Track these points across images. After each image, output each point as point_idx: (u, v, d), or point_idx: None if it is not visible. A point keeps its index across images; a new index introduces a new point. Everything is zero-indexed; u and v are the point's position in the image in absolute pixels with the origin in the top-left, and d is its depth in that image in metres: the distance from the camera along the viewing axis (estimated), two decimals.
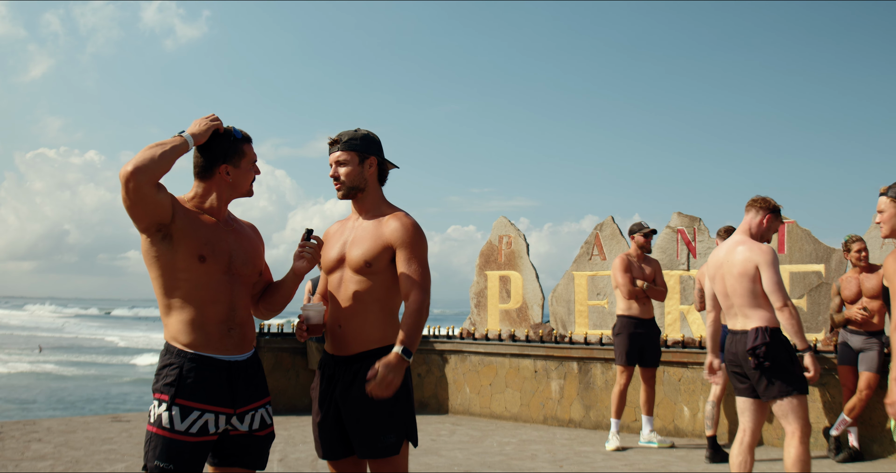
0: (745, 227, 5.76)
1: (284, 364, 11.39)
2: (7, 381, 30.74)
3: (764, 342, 5.38)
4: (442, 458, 7.96)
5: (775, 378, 5.39)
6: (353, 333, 3.81)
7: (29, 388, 28.95)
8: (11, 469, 7.01)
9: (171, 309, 3.49)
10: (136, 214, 3.35)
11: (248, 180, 3.67)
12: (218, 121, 3.60)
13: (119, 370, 36.19)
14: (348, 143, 3.92)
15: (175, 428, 3.36)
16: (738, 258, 5.56)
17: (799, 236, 9.55)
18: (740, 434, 5.66)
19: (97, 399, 26.61)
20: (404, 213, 3.93)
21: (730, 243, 5.72)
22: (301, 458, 7.82)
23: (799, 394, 5.39)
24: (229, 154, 3.59)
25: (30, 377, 32.69)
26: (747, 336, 5.48)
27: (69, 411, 23.41)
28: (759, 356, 5.37)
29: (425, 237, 3.90)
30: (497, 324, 11.62)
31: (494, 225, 12.01)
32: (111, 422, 10.07)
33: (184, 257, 3.43)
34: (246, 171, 3.65)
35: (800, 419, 5.37)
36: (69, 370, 35.23)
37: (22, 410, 23.05)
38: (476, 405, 11.12)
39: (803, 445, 5.35)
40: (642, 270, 8.91)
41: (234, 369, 3.52)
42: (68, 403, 25.51)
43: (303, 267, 3.81)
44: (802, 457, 5.33)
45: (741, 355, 5.52)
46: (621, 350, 8.88)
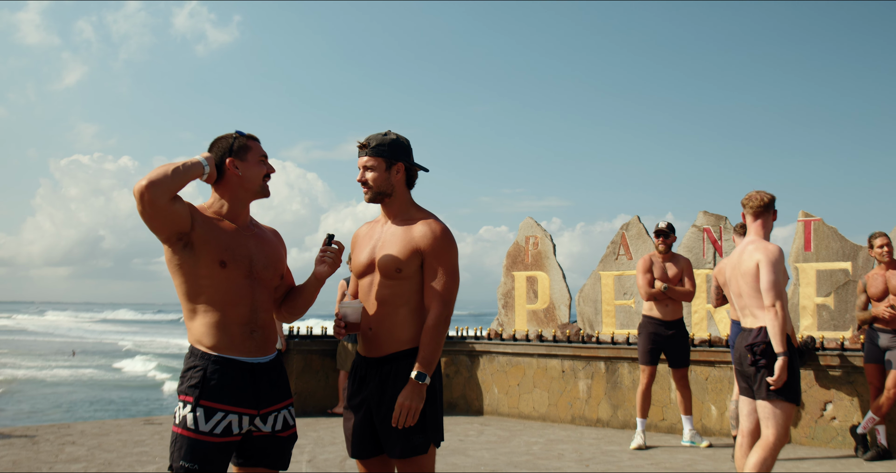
0: (757, 230, 5.71)
1: (314, 366, 11.49)
2: (45, 385, 31.10)
3: (765, 340, 5.34)
4: (469, 458, 8.02)
5: (766, 380, 5.34)
6: (384, 335, 3.86)
7: (67, 392, 29.28)
8: (46, 471, 7.15)
9: (195, 314, 3.57)
10: (154, 226, 3.44)
11: (258, 175, 3.70)
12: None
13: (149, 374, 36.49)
14: (376, 148, 3.93)
15: (199, 429, 3.44)
16: (745, 258, 5.55)
17: (825, 233, 9.52)
18: (740, 437, 5.66)
19: (130, 403, 26.89)
20: (434, 218, 3.95)
21: (742, 245, 5.71)
22: (330, 459, 7.91)
23: (786, 401, 5.32)
24: (234, 149, 3.66)
25: (67, 381, 33.05)
26: (750, 334, 5.47)
27: (103, 414, 23.69)
28: (757, 354, 5.33)
29: (455, 243, 3.92)
30: (524, 324, 11.67)
31: (521, 226, 12.05)
32: (144, 425, 10.21)
33: (205, 263, 3.51)
34: (254, 164, 3.69)
35: (777, 426, 5.29)
36: (103, 374, 35.59)
37: (59, 414, 23.34)
38: (504, 406, 11.17)
39: (772, 451, 5.27)
40: (665, 270, 8.90)
41: (257, 370, 3.59)
42: (101, 407, 25.80)
43: (324, 272, 3.86)
44: (768, 463, 5.26)
45: (741, 352, 5.52)
46: (640, 350, 8.95)
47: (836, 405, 8.62)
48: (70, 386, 29.94)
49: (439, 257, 3.85)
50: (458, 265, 3.93)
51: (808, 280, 9.53)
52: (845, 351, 8.65)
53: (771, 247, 5.48)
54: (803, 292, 9.55)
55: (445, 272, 3.85)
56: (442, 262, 3.85)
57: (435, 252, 3.84)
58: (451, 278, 3.87)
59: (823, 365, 8.68)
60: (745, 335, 5.53)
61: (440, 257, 3.85)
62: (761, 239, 5.65)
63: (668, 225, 8.99)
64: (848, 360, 8.55)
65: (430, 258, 3.84)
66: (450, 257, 3.88)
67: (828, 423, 8.64)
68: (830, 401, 8.65)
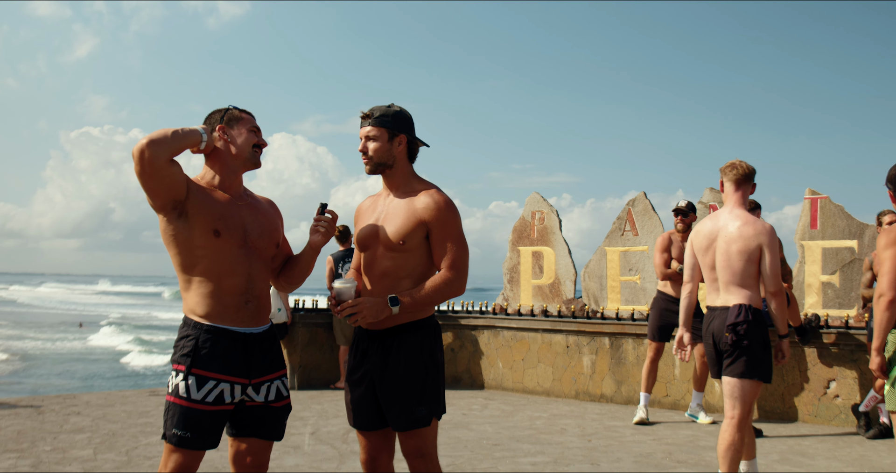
0: (739, 200, 5.52)
1: (319, 339, 11.51)
2: (53, 357, 31.30)
3: (746, 319, 5.24)
4: (472, 432, 8.04)
5: (744, 358, 5.27)
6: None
7: (76, 363, 29.48)
8: (50, 441, 7.20)
9: (191, 284, 3.59)
10: (151, 189, 3.44)
11: (247, 143, 3.70)
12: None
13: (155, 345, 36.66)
14: (379, 118, 3.92)
15: (192, 397, 3.48)
16: (738, 233, 5.35)
17: (832, 211, 9.48)
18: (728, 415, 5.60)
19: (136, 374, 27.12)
20: (436, 189, 3.94)
21: (725, 217, 5.49)
22: (333, 431, 7.94)
23: (758, 381, 5.29)
24: (224, 117, 3.70)
25: (76, 352, 33.24)
26: (728, 312, 5.33)
27: (109, 385, 23.84)
28: (739, 333, 5.24)
29: (458, 212, 3.92)
30: (530, 299, 11.68)
31: (527, 201, 12.03)
32: (149, 396, 10.27)
33: (200, 233, 3.52)
34: (244, 132, 3.70)
35: (745, 404, 5.26)
36: (111, 346, 35.78)
37: (64, 385, 23.50)
38: (508, 380, 11.20)
39: (739, 432, 5.24)
40: (683, 250, 8.83)
41: (249, 340, 3.62)
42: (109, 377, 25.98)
43: (318, 241, 3.88)
44: (736, 445, 5.22)
45: (716, 330, 5.39)
46: (650, 326, 8.97)
47: (839, 383, 8.62)
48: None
49: (445, 227, 3.84)
50: (464, 234, 3.93)
51: (813, 258, 9.50)
52: (850, 329, 8.63)
53: (769, 228, 5.34)
54: (809, 270, 9.53)
55: (454, 242, 3.86)
56: (448, 232, 3.85)
57: (440, 223, 3.83)
58: (460, 247, 3.87)
59: (827, 343, 8.67)
60: (720, 314, 5.40)
61: (446, 228, 3.85)
62: (747, 213, 5.48)
63: (687, 204, 8.94)
64: (852, 338, 8.53)
65: (436, 230, 3.84)
66: (455, 226, 3.88)
67: (831, 401, 8.65)
68: (834, 379, 8.65)
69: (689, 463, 6.78)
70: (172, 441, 3.50)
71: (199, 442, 3.50)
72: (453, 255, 3.85)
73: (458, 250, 3.86)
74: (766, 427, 8.37)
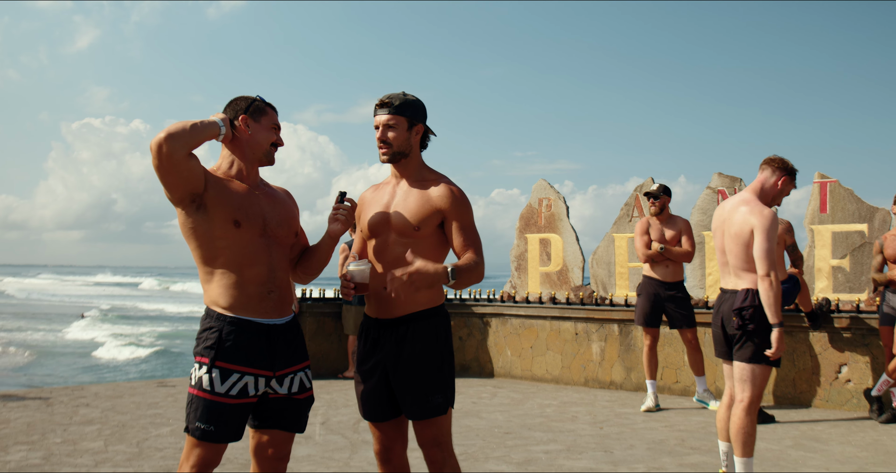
0: (756, 186, 5.56)
1: (327, 329, 11.49)
2: (57, 348, 31.30)
3: (752, 304, 5.27)
4: (483, 420, 8.02)
5: (752, 342, 5.31)
6: (399, 295, 3.81)
7: (80, 354, 29.47)
8: (60, 433, 7.18)
9: (212, 276, 3.54)
10: (169, 183, 3.39)
11: (266, 140, 3.67)
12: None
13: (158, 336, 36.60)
14: (400, 107, 3.88)
15: (215, 390, 3.43)
16: (737, 218, 5.41)
17: (841, 195, 9.43)
18: (726, 398, 5.63)
19: (142, 364, 27.06)
20: (448, 179, 3.95)
21: (735, 201, 5.55)
22: (343, 421, 7.92)
23: (767, 365, 5.33)
24: (250, 108, 3.65)
25: (79, 343, 33.24)
26: (735, 296, 5.38)
27: (117, 376, 23.83)
28: (745, 318, 5.27)
29: (470, 203, 3.92)
30: (538, 287, 11.64)
31: (534, 188, 11.97)
32: (157, 387, 10.25)
33: (220, 224, 3.47)
34: (266, 128, 3.67)
35: (756, 387, 5.31)
36: (113, 336, 35.76)
37: (72, 377, 23.49)
38: (517, 368, 11.17)
39: (749, 415, 5.28)
40: (662, 232, 8.86)
41: (273, 332, 3.57)
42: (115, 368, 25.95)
43: (337, 229, 3.83)
44: (747, 428, 5.26)
45: (725, 313, 5.45)
46: (639, 312, 9.00)
47: (850, 367, 8.58)
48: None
49: (461, 216, 3.84)
50: (475, 224, 3.93)
51: (823, 242, 9.45)
52: (860, 313, 8.59)
53: (766, 212, 5.31)
54: (818, 254, 9.48)
55: (472, 230, 3.87)
56: (464, 221, 3.85)
57: (458, 212, 3.83)
58: (477, 235, 3.89)
59: (838, 327, 8.64)
60: (729, 298, 5.46)
61: (462, 217, 3.84)
62: (756, 199, 5.49)
63: (658, 187, 8.95)
64: (863, 322, 8.50)
65: (453, 218, 3.82)
66: (471, 216, 3.89)
67: (842, 385, 8.61)
68: (845, 364, 8.61)
69: (703, 450, 6.75)
70: (196, 435, 3.46)
71: (222, 435, 3.46)
72: (473, 242, 3.85)
73: (476, 238, 3.87)
74: (778, 412, 8.35)
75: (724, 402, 5.67)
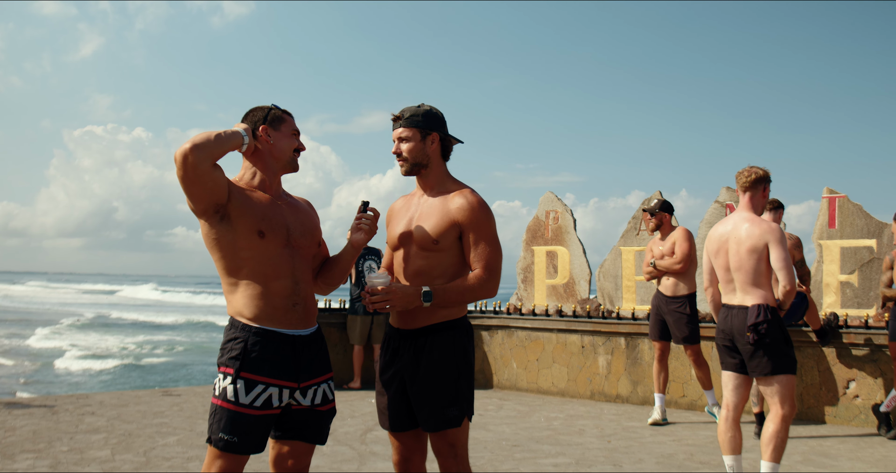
0: (746, 204, 5.79)
1: (332, 339, 11.47)
2: (55, 356, 31.23)
3: (766, 319, 5.46)
4: (490, 433, 8.00)
5: (769, 356, 5.48)
6: (419, 307, 3.80)
7: (79, 362, 29.42)
8: (67, 442, 7.16)
9: (237, 287, 3.53)
10: (194, 193, 3.38)
11: (289, 147, 3.67)
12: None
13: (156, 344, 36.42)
14: (410, 119, 3.90)
15: (240, 401, 3.41)
16: (745, 234, 5.61)
17: (850, 210, 9.42)
18: (725, 411, 5.74)
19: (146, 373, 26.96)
20: (470, 190, 3.91)
21: (735, 219, 5.76)
22: (350, 432, 7.90)
23: (790, 374, 5.51)
24: (268, 118, 3.64)
25: (77, 351, 33.14)
26: (748, 312, 5.54)
27: (121, 385, 23.76)
28: (761, 332, 5.45)
29: (492, 213, 3.89)
30: (544, 299, 11.62)
31: (541, 200, 11.96)
32: (162, 396, 10.23)
33: (244, 235, 3.46)
34: (286, 135, 3.67)
35: (789, 398, 5.49)
36: (115, 345, 35.66)
37: (76, 385, 23.42)
38: (523, 381, 11.14)
39: (785, 423, 5.45)
40: (660, 247, 8.89)
41: (298, 343, 3.56)
42: (118, 377, 25.84)
43: (360, 239, 3.82)
44: (782, 434, 5.44)
45: (737, 329, 5.59)
46: (650, 325, 9.05)
47: (858, 383, 8.56)
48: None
49: (479, 228, 3.81)
50: (497, 235, 3.89)
51: (832, 257, 9.44)
52: (869, 329, 8.57)
53: (774, 226, 5.59)
54: (827, 270, 9.46)
55: (487, 243, 3.82)
56: (482, 233, 3.82)
57: (474, 224, 3.80)
58: (493, 248, 3.84)
59: (846, 343, 8.62)
60: (738, 314, 5.62)
61: (480, 229, 3.81)
62: (755, 215, 5.75)
63: (656, 203, 8.94)
64: (871, 338, 8.48)
65: (470, 230, 3.81)
66: (489, 228, 3.85)
67: (850, 401, 8.59)
68: (853, 379, 8.59)
69: (713, 465, 6.73)
70: (219, 446, 3.43)
71: (245, 447, 3.44)
72: (487, 256, 3.81)
73: (492, 252, 3.83)
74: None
75: (723, 416, 5.74)
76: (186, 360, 30.75)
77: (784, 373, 5.49)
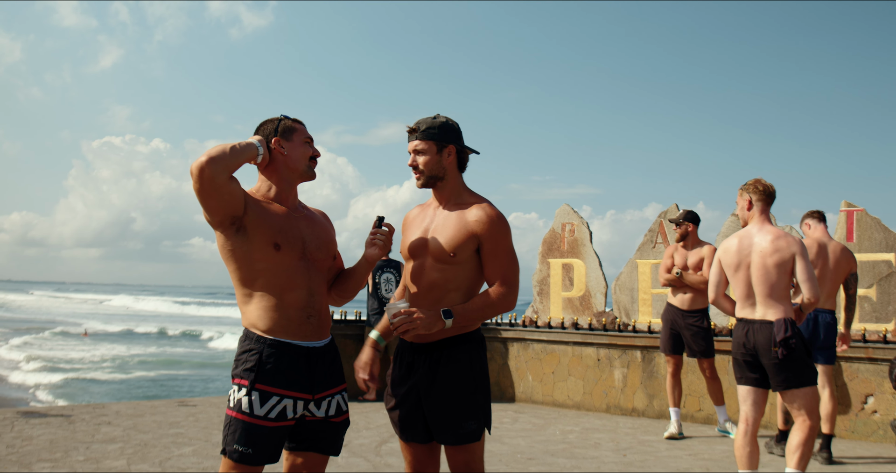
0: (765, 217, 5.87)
1: (348, 351, 11.47)
2: (69, 365, 31.32)
3: (794, 333, 5.49)
4: (505, 446, 7.97)
5: (794, 370, 5.52)
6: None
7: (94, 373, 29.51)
8: (83, 451, 7.18)
9: (251, 298, 3.53)
10: (210, 206, 3.39)
11: (304, 156, 3.67)
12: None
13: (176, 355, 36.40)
14: (426, 132, 3.88)
15: (254, 413, 3.42)
16: (772, 248, 5.64)
17: (868, 224, 9.38)
18: (743, 426, 5.72)
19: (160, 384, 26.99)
20: (488, 202, 3.89)
21: (755, 233, 5.78)
22: (365, 444, 7.89)
23: (814, 386, 5.57)
24: (280, 130, 3.65)
25: (91, 362, 33.20)
26: (774, 327, 5.54)
27: (136, 395, 23.81)
28: (791, 347, 5.47)
29: (509, 227, 3.86)
30: (560, 312, 11.60)
31: (557, 213, 11.95)
32: (178, 406, 10.25)
33: (259, 247, 3.47)
34: (300, 144, 3.67)
35: (813, 408, 5.55)
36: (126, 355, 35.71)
37: (92, 394, 23.49)
38: (538, 393, 11.11)
39: (812, 433, 5.52)
40: (686, 258, 8.84)
41: (312, 355, 3.56)
42: (134, 387, 25.89)
43: (375, 254, 3.83)
44: (810, 443, 5.52)
45: (761, 345, 5.59)
46: (661, 338, 9.02)
47: (877, 398, 8.50)
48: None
49: (497, 241, 3.79)
50: (514, 248, 3.88)
51: None
52: (888, 344, 8.52)
53: (798, 239, 5.67)
54: None
55: (505, 256, 3.81)
56: (500, 246, 3.80)
57: (493, 237, 3.78)
58: (511, 261, 3.83)
59: (865, 358, 8.56)
60: (761, 329, 5.62)
61: (498, 242, 3.79)
62: (775, 227, 5.80)
63: (682, 213, 8.92)
64: (890, 352, 8.42)
65: (488, 244, 3.78)
66: (507, 241, 3.83)
67: (868, 416, 8.53)
68: (871, 394, 8.53)
69: None
70: (233, 457, 3.43)
71: (260, 458, 3.44)
72: (505, 269, 3.80)
73: (510, 265, 3.82)
74: None
75: (741, 430, 5.71)
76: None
77: (809, 385, 5.54)
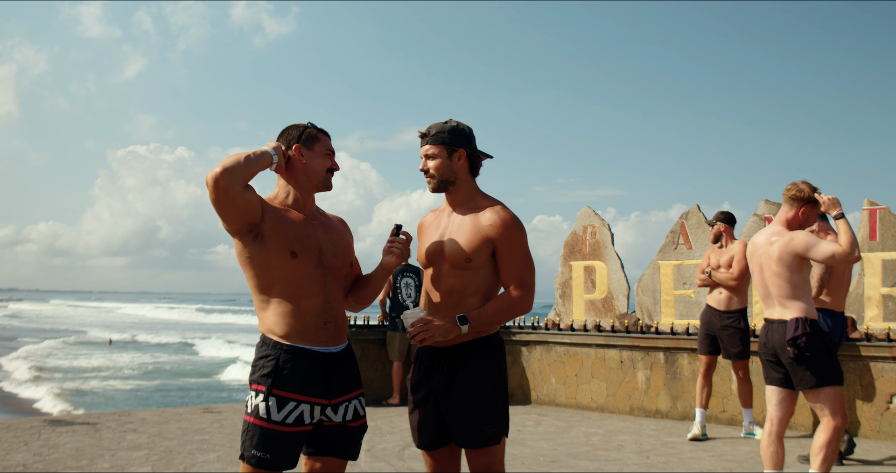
0: (781, 219, 5.79)
1: (370, 356, 11.51)
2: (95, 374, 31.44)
3: (805, 332, 5.42)
4: (528, 448, 7.98)
5: (812, 369, 5.45)
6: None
7: (121, 380, 29.62)
8: (108, 459, 7.24)
9: (268, 304, 3.56)
10: (227, 215, 3.42)
11: (322, 167, 3.69)
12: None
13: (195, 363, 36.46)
14: (436, 136, 3.89)
15: (272, 418, 3.44)
16: (774, 249, 5.62)
17: (892, 222, 9.32)
18: (769, 426, 5.69)
19: (185, 391, 27.05)
20: (502, 205, 3.89)
21: (766, 233, 5.76)
22: (388, 448, 7.91)
23: (836, 386, 5.47)
24: (303, 137, 3.67)
25: (113, 369, 33.29)
26: (786, 326, 5.51)
27: (162, 402, 23.92)
28: (801, 346, 5.41)
29: (524, 229, 3.86)
30: (582, 314, 11.59)
31: (578, 215, 11.95)
32: (203, 413, 10.31)
33: (276, 254, 3.49)
34: (320, 155, 3.68)
35: (838, 409, 5.45)
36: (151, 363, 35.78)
37: (116, 402, 23.61)
38: (562, 396, 11.11)
39: (837, 433, 5.42)
40: (719, 258, 8.83)
41: (329, 360, 3.58)
42: (160, 394, 25.99)
43: (392, 262, 3.85)
44: (833, 445, 5.41)
45: (778, 344, 5.57)
46: (698, 338, 8.97)
47: None
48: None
49: (512, 244, 3.79)
50: (529, 250, 3.88)
51: (873, 270, 9.34)
52: None
53: (800, 233, 5.61)
54: (868, 283, 9.36)
55: (521, 259, 3.81)
56: (515, 249, 3.80)
57: (507, 240, 3.78)
58: (527, 264, 3.83)
59: (890, 357, 8.50)
60: (778, 328, 5.59)
61: (513, 245, 3.79)
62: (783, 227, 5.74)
63: (716, 214, 8.95)
64: None
65: (503, 247, 3.79)
66: (522, 243, 3.83)
67: (894, 416, 8.47)
68: None
69: None
70: (251, 462, 3.46)
71: (277, 463, 3.46)
72: (520, 272, 3.80)
73: (526, 267, 3.82)
74: None
75: (766, 430, 5.68)
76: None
77: (829, 385, 5.45)
